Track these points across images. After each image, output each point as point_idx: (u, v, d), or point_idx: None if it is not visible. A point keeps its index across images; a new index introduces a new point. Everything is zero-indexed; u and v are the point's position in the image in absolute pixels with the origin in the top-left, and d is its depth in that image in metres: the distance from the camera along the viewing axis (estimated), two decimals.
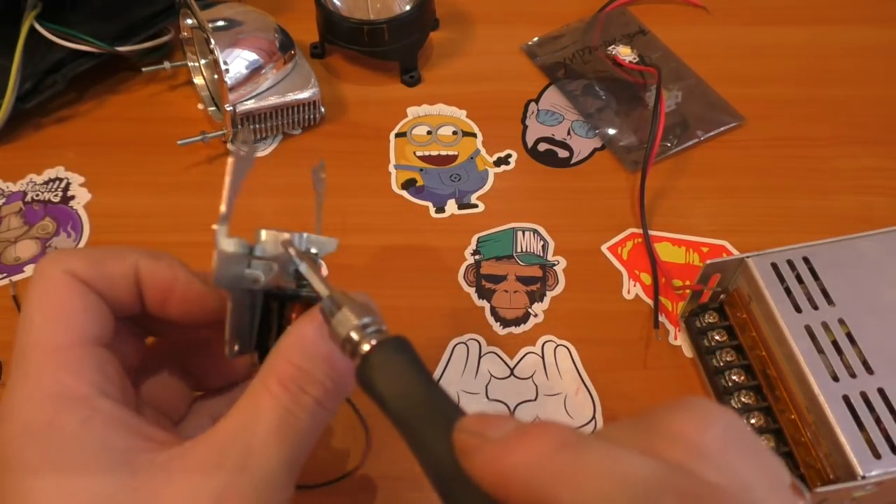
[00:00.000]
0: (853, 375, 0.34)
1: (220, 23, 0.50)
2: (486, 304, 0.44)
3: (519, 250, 0.47)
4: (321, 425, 0.23)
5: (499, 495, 0.18)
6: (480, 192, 0.50)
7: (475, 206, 0.49)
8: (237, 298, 0.25)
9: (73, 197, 0.50)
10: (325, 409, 0.22)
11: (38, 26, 0.51)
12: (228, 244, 0.24)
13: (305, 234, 0.26)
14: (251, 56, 0.49)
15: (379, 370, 0.21)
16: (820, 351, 0.34)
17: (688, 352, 0.42)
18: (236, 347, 0.25)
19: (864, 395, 0.33)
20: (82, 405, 0.22)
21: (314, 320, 0.23)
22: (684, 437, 0.18)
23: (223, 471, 0.21)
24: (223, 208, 0.24)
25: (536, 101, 0.56)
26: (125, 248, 0.25)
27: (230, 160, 0.24)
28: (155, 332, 0.29)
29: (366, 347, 0.21)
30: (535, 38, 0.60)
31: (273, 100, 0.50)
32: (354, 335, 0.22)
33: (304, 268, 0.25)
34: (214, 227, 0.24)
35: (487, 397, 0.40)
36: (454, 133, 0.54)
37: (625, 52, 0.57)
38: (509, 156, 0.52)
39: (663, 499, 0.16)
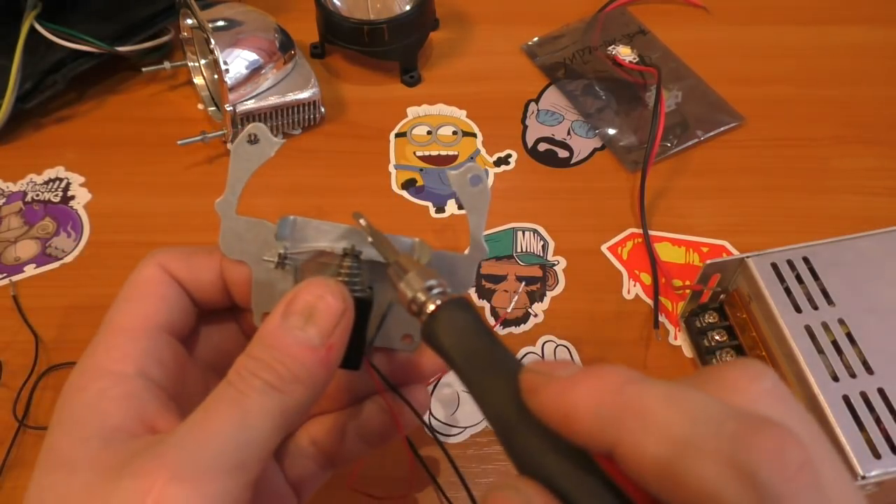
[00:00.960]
0: (853, 375, 0.34)
1: (220, 23, 0.50)
2: (486, 304, 0.44)
3: (519, 250, 0.47)
4: (279, 410, 0.23)
5: (564, 429, 0.19)
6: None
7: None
8: (255, 270, 0.27)
9: (73, 197, 0.50)
10: (281, 393, 0.23)
11: (38, 26, 0.51)
12: (228, 215, 0.27)
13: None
14: (251, 56, 0.49)
15: (443, 326, 0.23)
16: (820, 351, 0.34)
17: (688, 352, 0.42)
18: (261, 320, 0.27)
19: (864, 395, 0.33)
20: (110, 379, 0.24)
21: (277, 314, 0.24)
22: (739, 386, 0.19)
23: (176, 450, 0.22)
24: (227, 188, 0.26)
25: (536, 101, 0.56)
26: (213, 248, 0.28)
27: (236, 144, 0.26)
28: None
29: (431, 307, 0.23)
30: (535, 38, 0.60)
31: (273, 100, 0.50)
32: (420, 296, 0.23)
33: (373, 234, 0.27)
34: (216, 202, 0.26)
35: None
36: (454, 133, 0.54)
37: (625, 52, 0.57)
38: (509, 156, 0.52)
39: (726, 423, 0.17)
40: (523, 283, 0.30)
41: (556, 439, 0.19)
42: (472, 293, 0.44)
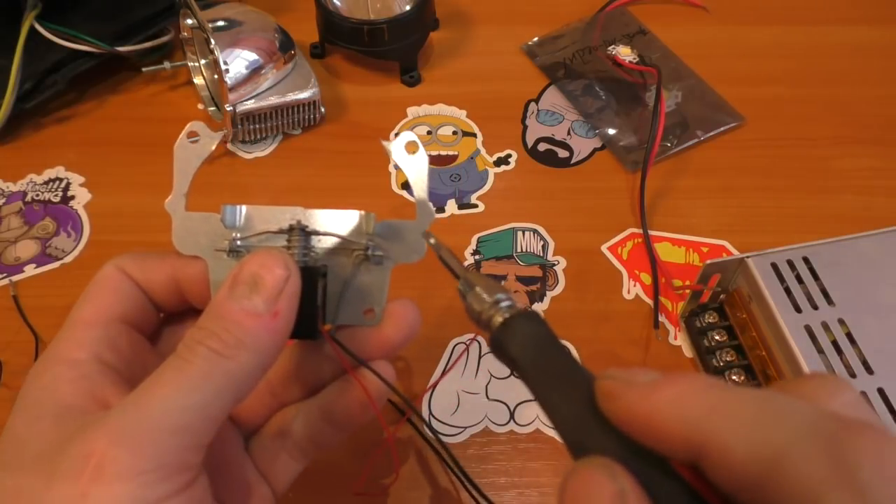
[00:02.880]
0: (853, 375, 0.34)
1: (220, 23, 0.50)
2: None
3: (519, 250, 0.47)
4: (225, 375, 0.23)
5: (646, 435, 0.19)
6: (480, 192, 0.50)
7: (475, 206, 0.49)
8: (212, 264, 0.28)
9: (73, 197, 0.50)
10: (227, 359, 0.23)
11: (38, 26, 0.51)
12: (178, 212, 0.28)
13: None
14: (251, 56, 0.49)
15: (510, 338, 0.23)
16: (820, 351, 0.34)
17: (688, 352, 0.42)
18: None
19: (864, 396, 0.33)
20: (65, 364, 0.25)
21: (225, 287, 0.25)
22: (819, 395, 0.19)
23: (118, 415, 0.22)
24: (174, 186, 0.28)
25: (536, 101, 0.56)
26: (168, 253, 0.29)
27: (178, 143, 0.28)
28: None
29: (498, 320, 0.23)
30: (535, 38, 0.60)
31: (273, 100, 0.50)
32: (488, 311, 0.24)
33: (440, 251, 0.28)
34: (166, 201, 0.28)
35: (487, 397, 0.40)
36: (454, 133, 0.54)
37: (625, 52, 0.57)
38: (509, 156, 0.52)
39: (823, 424, 0.16)
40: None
41: (636, 446, 0.19)
42: None
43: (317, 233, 0.28)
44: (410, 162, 0.29)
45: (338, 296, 0.29)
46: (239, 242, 0.28)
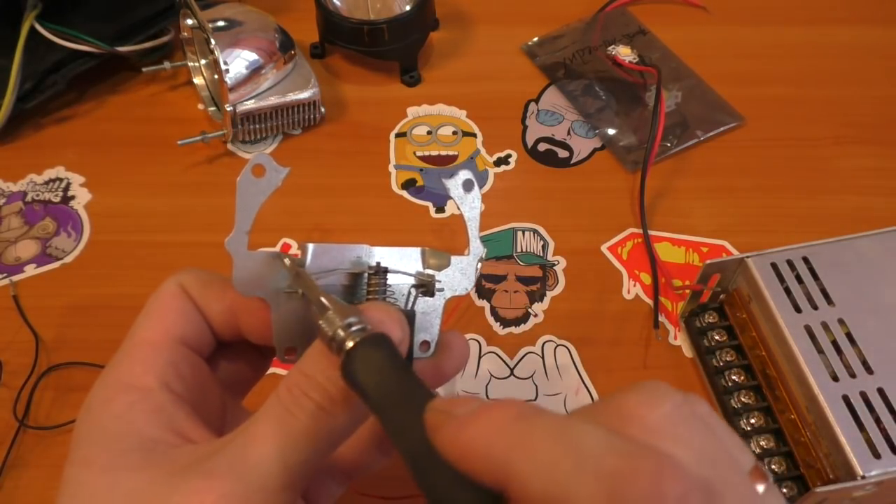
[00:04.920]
0: (853, 375, 0.34)
1: (220, 23, 0.50)
2: (486, 304, 0.44)
3: (519, 250, 0.47)
4: (327, 432, 0.23)
5: (463, 467, 0.19)
6: (480, 192, 0.50)
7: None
8: (274, 305, 0.26)
9: (73, 197, 0.50)
10: (330, 414, 0.23)
11: (38, 26, 0.51)
12: (240, 252, 0.26)
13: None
14: (251, 56, 0.49)
15: (359, 364, 0.22)
16: (820, 351, 0.34)
17: (688, 352, 0.42)
18: (284, 354, 0.27)
19: (863, 395, 0.33)
20: (136, 392, 0.24)
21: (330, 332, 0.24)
22: (635, 415, 0.19)
23: (221, 469, 0.22)
24: (236, 223, 0.26)
25: (536, 101, 0.56)
26: (230, 280, 0.27)
27: (242, 177, 0.26)
28: None
29: (349, 344, 0.22)
30: (535, 38, 0.60)
31: (273, 100, 0.50)
32: (340, 333, 0.23)
33: (293, 276, 0.26)
34: (226, 240, 0.26)
35: (487, 397, 0.40)
36: (454, 133, 0.54)
37: (625, 52, 0.57)
38: (509, 156, 0.52)
39: (606, 460, 0.17)
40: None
41: (464, 477, 0.19)
42: (473, 293, 0.44)
43: (400, 272, 0.27)
44: (466, 199, 0.29)
45: None
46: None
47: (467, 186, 0.29)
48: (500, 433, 0.18)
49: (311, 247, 0.27)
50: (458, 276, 0.29)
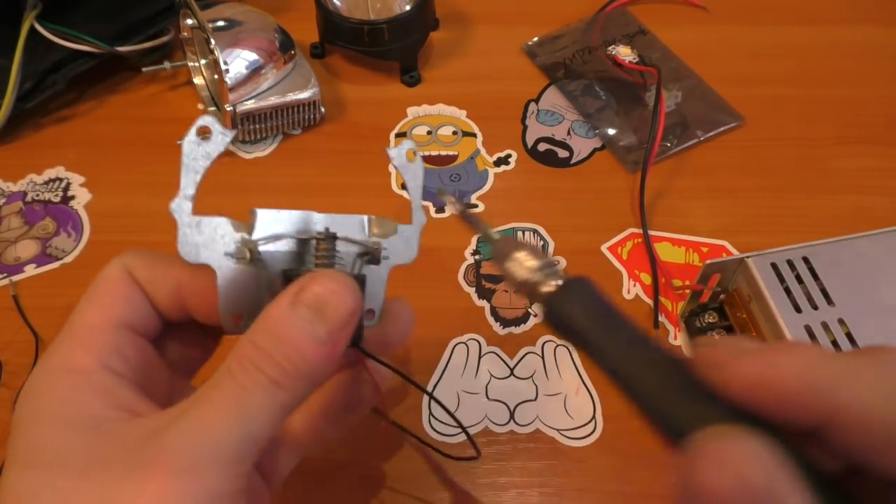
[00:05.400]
0: None
1: (220, 23, 0.50)
2: (486, 304, 0.44)
3: None
4: (279, 406, 0.23)
5: (764, 402, 0.18)
6: (480, 192, 0.50)
7: (475, 206, 0.49)
8: (220, 272, 0.26)
9: (73, 197, 0.50)
10: (283, 390, 0.23)
11: (38, 26, 0.51)
12: (184, 217, 0.25)
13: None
14: (251, 56, 0.49)
15: (571, 304, 0.22)
16: None
17: (688, 352, 0.42)
18: (231, 323, 0.26)
19: None
20: (79, 375, 0.24)
21: (284, 301, 0.23)
22: None
23: (174, 442, 0.22)
24: (181, 188, 0.26)
25: (536, 101, 0.56)
26: (177, 261, 0.26)
27: (186, 139, 0.25)
28: None
29: (551, 285, 0.23)
30: (535, 38, 0.60)
31: (273, 100, 0.50)
32: (534, 276, 0.23)
33: (467, 214, 0.28)
34: (170, 204, 0.25)
35: (487, 397, 0.40)
36: (454, 133, 0.54)
37: (625, 52, 0.57)
38: (509, 156, 0.52)
39: None
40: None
41: (738, 413, 0.19)
42: (473, 293, 0.44)
43: (347, 240, 0.27)
44: (409, 168, 0.30)
45: None
46: (261, 248, 0.26)
47: (409, 155, 0.29)
48: (823, 364, 0.18)
49: (258, 212, 0.27)
50: (403, 245, 0.29)
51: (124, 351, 0.25)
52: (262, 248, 0.26)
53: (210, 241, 0.26)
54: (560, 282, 0.23)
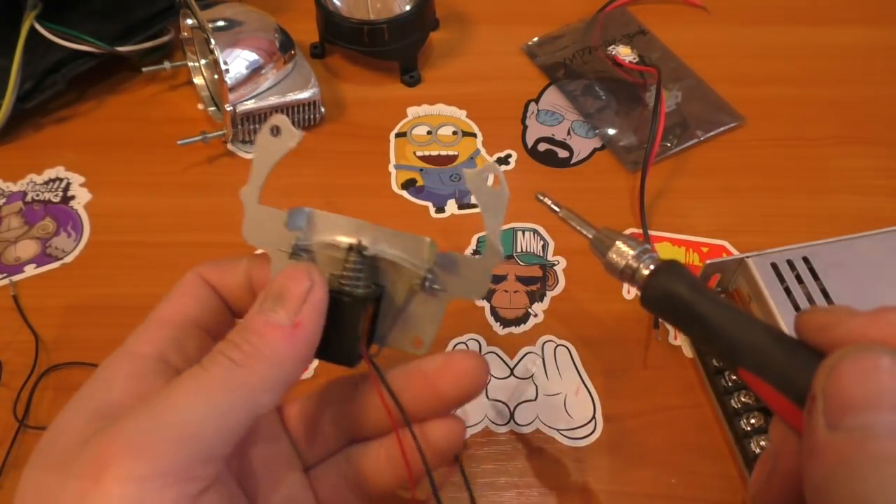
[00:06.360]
0: None
1: (220, 23, 0.50)
2: (486, 304, 0.44)
3: (519, 250, 0.47)
4: (241, 385, 0.23)
5: None
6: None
7: (475, 206, 0.49)
8: (274, 261, 0.28)
9: (73, 197, 0.50)
10: (245, 368, 0.23)
11: (38, 26, 0.51)
12: (250, 204, 0.28)
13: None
14: (251, 56, 0.49)
15: (672, 282, 0.25)
16: None
17: (688, 352, 0.42)
18: None
19: None
20: (126, 358, 0.26)
21: (257, 301, 0.25)
22: None
23: (133, 422, 0.22)
24: (251, 177, 0.28)
25: (536, 101, 0.56)
26: (244, 256, 0.29)
27: (259, 136, 0.27)
28: None
29: (648, 270, 0.26)
30: (535, 38, 0.60)
31: (273, 100, 0.50)
32: (633, 263, 0.26)
33: (564, 213, 0.30)
34: (241, 190, 0.28)
35: (487, 397, 0.40)
36: (454, 133, 0.54)
37: (625, 52, 0.57)
38: (509, 156, 0.52)
39: None
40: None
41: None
42: None
43: (375, 257, 0.27)
44: (488, 195, 0.26)
45: (391, 319, 0.28)
46: (300, 246, 0.27)
47: (494, 183, 0.27)
48: None
49: (308, 210, 0.28)
50: (468, 279, 0.28)
51: (185, 345, 0.27)
52: (302, 245, 0.28)
53: (269, 230, 0.28)
54: (656, 265, 0.26)
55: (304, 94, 0.51)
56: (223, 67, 0.48)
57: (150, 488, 0.21)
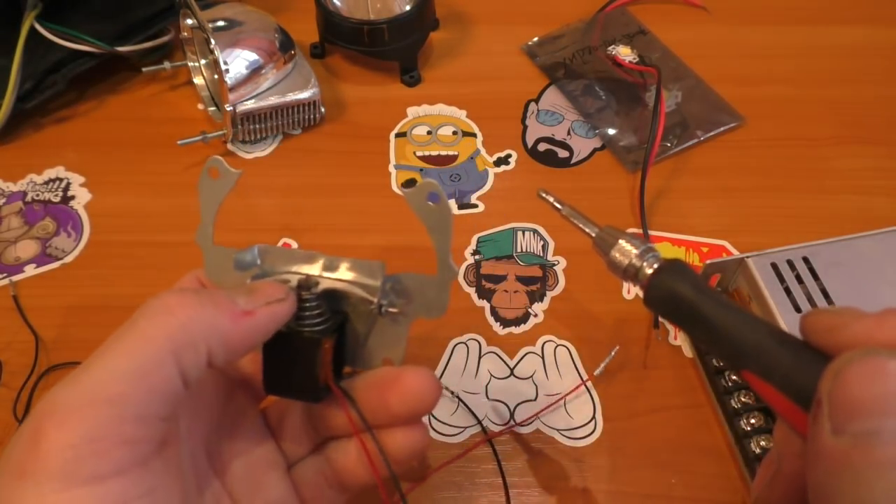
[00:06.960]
0: None
1: (220, 23, 0.50)
2: (486, 304, 0.44)
3: (519, 250, 0.47)
4: (167, 337, 0.23)
5: None
6: (480, 192, 0.50)
7: (475, 206, 0.49)
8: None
9: (73, 197, 0.50)
10: (170, 315, 0.23)
11: (38, 26, 0.51)
12: (206, 245, 0.29)
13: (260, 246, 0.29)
14: (251, 56, 0.49)
15: (675, 282, 0.25)
16: None
17: (688, 352, 0.42)
18: None
19: None
20: (151, 346, 0.24)
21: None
22: None
23: (62, 386, 0.22)
24: (201, 220, 0.29)
25: (536, 101, 0.56)
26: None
27: (201, 180, 0.28)
28: None
29: (651, 269, 0.26)
30: (535, 38, 0.60)
31: (273, 100, 0.50)
32: (636, 262, 0.26)
33: (566, 210, 0.30)
34: (195, 235, 0.29)
35: (487, 397, 0.40)
36: (454, 133, 0.54)
37: (625, 52, 0.57)
38: (509, 156, 0.52)
39: None
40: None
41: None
42: (473, 293, 0.44)
43: (325, 293, 0.28)
44: (430, 213, 0.26)
45: (360, 341, 0.28)
46: (259, 279, 0.28)
47: (433, 199, 0.26)
48: None
49: (260, 248, 0.29)
50: (427, 299, 0.28)
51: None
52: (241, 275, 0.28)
53: (228, 269, 0.29)
54: (659, 264, 0.26)
55: (304, 94, 0.51)
56: (223, 67, 0.48)
57: (85, 454, 0.20)
